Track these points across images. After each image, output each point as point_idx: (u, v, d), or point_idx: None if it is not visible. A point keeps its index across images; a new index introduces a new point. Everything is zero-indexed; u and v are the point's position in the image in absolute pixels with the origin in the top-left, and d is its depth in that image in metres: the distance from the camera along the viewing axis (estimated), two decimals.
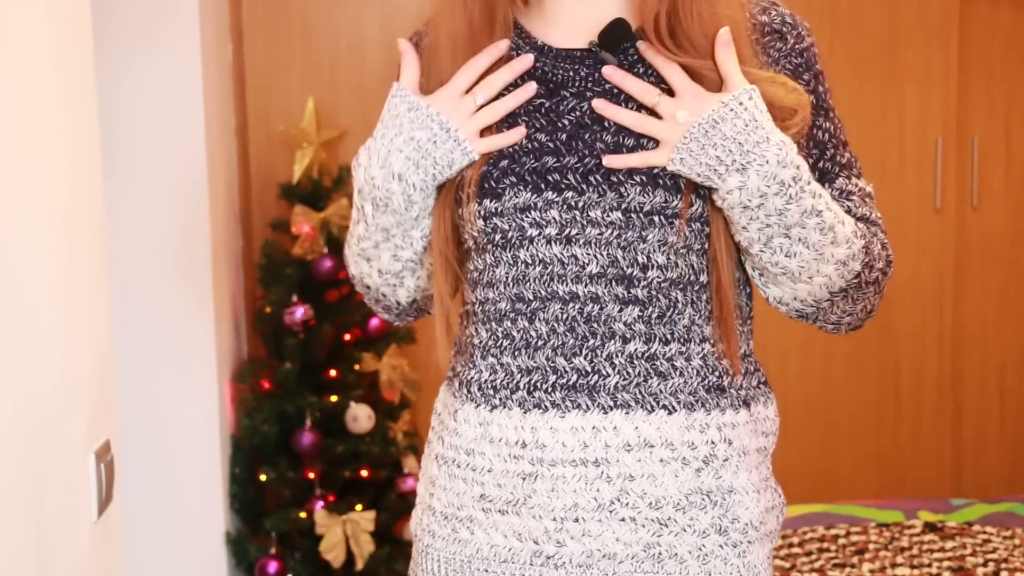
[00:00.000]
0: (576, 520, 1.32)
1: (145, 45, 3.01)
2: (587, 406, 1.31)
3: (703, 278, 1.33)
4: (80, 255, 1.53)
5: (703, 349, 1.33)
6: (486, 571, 1.37)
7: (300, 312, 3.21)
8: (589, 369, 1.31)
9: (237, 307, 3.41)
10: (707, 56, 1.30)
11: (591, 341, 1.31)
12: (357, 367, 3.31)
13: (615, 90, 1.33)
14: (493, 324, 1.35)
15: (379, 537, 3.27)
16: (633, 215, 1.29)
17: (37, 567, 1.34)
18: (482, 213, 1.33)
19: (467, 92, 1.33)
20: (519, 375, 1.34)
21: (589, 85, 1.34)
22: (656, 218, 1.30)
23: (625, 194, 1.29)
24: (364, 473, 3.29)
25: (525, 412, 1.33)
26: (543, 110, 1.34)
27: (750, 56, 1.32)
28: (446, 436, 1.40)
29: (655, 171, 1.29)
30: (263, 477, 3.22)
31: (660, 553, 1.32)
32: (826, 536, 2.92)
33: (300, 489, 3.23)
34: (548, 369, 1.32)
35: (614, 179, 1.29)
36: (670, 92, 1.31)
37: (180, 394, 3.12)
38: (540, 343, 1.33)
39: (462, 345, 1.40)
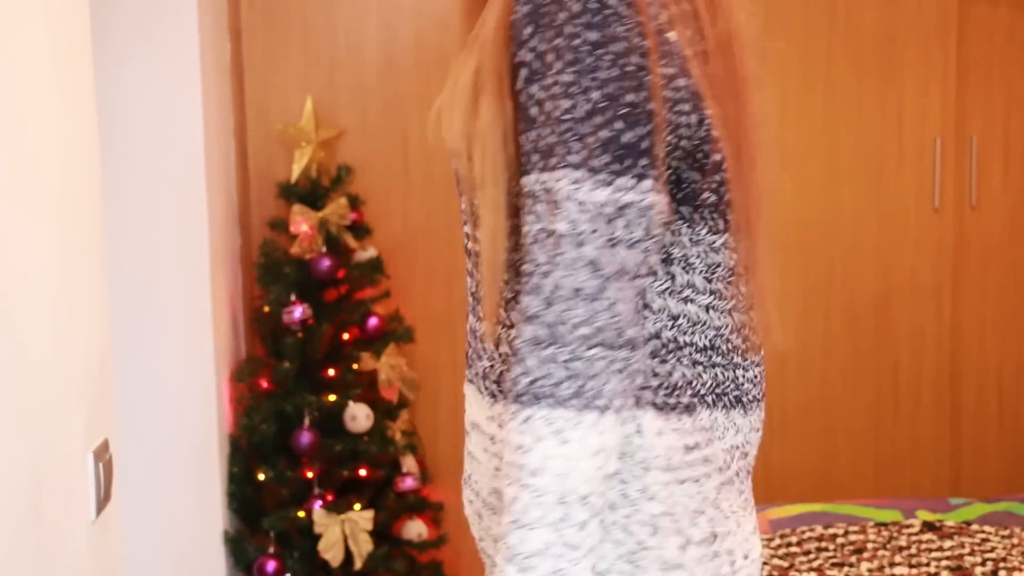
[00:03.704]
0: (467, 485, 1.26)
1: (143, 43, 3.01)
2: (466, 376, 1.26)
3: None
4: (78, 254, 1.52)
5: (510, 335, 1.13)
6: None
7: (298, 311, 3.21)
8: (469, 340, 1.24)
9: (235, 306, 3.41)
10: None
11: (472, 312, 1.24)
12: (355, 366, 3.31)
13: None
14: None
15: (377, 536, 3.26)
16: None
17: (36, 566, 1.34)
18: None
19: None
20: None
21: None
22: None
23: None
24: (363, 472, 3.29)
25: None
26: None
27: None
28: None
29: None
30: (261, 476, 3.22)
31: (483, 548, 1.22)
32: (824, 535, 2.92)
33: (298, 488, 3.22)
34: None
35: None
36: None
37: (178, 393, 3.12)
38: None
39: None
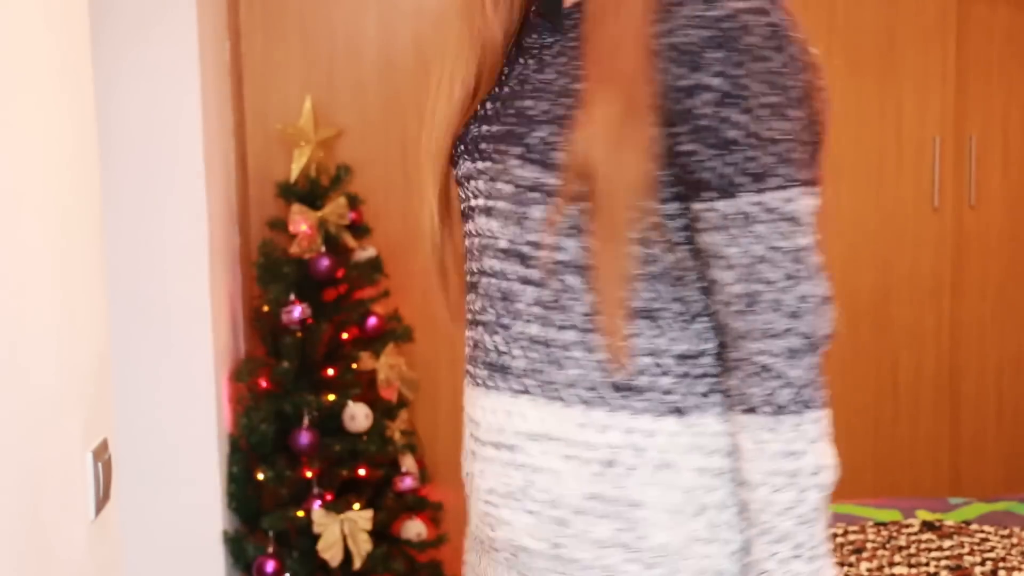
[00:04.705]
0: (495, 505, 1.25)
1: (143, 43, 3.00)
2: (500, 387, 1.24)
3: None
4: (77, 253, 1.52)
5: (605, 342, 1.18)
6: (469, 550, 1.36)
7: (298, 311, 3.21)
8: (504, 348, 1.23)
9: (235, 306, 3.41)
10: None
11: (504, 319, 1.23)
12: (355, 366, 3.30)
13: (546, 57, 1.24)
14: (466, 296, 1.31)
15: (377, 536, 3.26)
16: (519, 189, 1.19)
17: (34, 566, 1.33)
18: (455, 180, 1.31)
19: None
20: (468, 348, 1.29)
21: (542, 50, 1.25)
22: (536, 194, 1.18)
23: (510, 167, 1.20)
24: (362, 472, 3.29)
25: (468, 386, 1.30)
26: (503, 77, 1.29)
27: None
28: None
29: (530, 142, 1.18)
30: (261, 476, 3.22)
31: (563, 555, 1.21)
32: None
33: (298, 488, 3.22)
34: (481, 343, 1.26)
35: (502, 148, 1.21)
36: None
37: (178, 393, 3.12)
38: (477, 317, 1.27)
39: None
